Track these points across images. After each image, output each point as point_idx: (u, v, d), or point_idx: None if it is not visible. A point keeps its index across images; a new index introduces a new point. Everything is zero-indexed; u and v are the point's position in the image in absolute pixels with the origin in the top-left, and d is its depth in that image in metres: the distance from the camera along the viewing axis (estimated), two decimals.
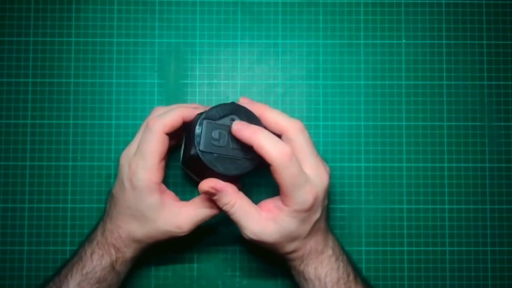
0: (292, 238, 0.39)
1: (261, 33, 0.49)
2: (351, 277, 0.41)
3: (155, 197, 0.40)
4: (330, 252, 0.41)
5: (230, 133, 0.39)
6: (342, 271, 0.41)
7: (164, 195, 0.40)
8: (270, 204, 0.40)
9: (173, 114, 0.40)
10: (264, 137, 0.37)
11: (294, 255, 0.40)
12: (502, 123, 0.48)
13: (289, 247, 0.40)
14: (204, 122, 0.39)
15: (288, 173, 0.37)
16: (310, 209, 0.38)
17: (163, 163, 0.41)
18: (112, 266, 0.41)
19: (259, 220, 0.38)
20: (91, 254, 0.41)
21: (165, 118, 0.40)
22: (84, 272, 0.40)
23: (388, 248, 0.47)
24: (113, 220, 0.41)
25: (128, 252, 0.41)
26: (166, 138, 0.40)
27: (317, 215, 0.39)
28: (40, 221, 0.47)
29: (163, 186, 0.41)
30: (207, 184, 0.38)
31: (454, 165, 0.48)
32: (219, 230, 0.47)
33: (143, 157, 0.39)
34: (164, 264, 0.47)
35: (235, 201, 0.38)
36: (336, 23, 0.49)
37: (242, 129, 0.38)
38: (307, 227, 0.39)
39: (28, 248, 0.47)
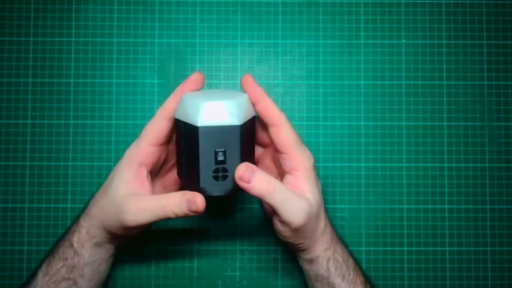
0: (319, 202, 0.39)
1: (261, 33, 0.49)
2: (359, 265, 0.42)
3: (128, 172, 0.38)
4: (340, 240, 0.42)
5: None
6: (353, 257, 0.42)
7: (139, 181, 0.39)
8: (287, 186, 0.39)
9: (171, 97, 0.39)
10: (270, 99, 0.39)
11: (325, 235, 0.40)
12: (502, 123, 0.48)
13: (321, 220, 0.40)
14: None
15: (291, 130, 0.39)
16: (314, 167, 0.40)
17: (155, 149, 0.39)
18: (70, 242, 0.40)
19: (296, 198, 0.37)
20: (63, 233, 0.42)
21: (164, 102, 0.39)
22: (53, 251, 0.41)
23: (388, 248, 0.47)
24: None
25: (84, 228, 0.40)
26: (165, 123, 0.39)
27: (319, 181, 0.41)
28: (40, 221, 0.47)
29: (144, 172, 0.39)
30: (246, 164, 0.37)
31: (454, 165, 0.48)
32: (219, 230, 0.48)
33: (140, 136, 0.40)
34: (164, 264, 0.47)
35: (274, 182, 0.37)
36: (336, 23, 0.49)
37: (253, 82, 0.39)
38: (319, 188, 0.40)
39: (28, 248, 0.47)
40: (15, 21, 0.48)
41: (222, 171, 0.37)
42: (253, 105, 0.39)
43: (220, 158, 0.36)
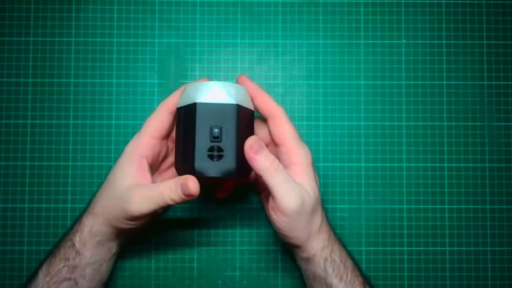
0: (317, 197, 0.39)
1: (261, 33, 0.49)
2: (357, 266, 0.42)
3: (130, 165, 0.39)
4: (338, 241, 0.42)
5: None
6: (352, 258, 0.42)
7: (140, 173, 0.39)
8: None
9: (175, 93, 0.41)
10: (267, 93, 0.41)
11: (321, 233, 0.40)
12: (502, 123, 0.48)
13: (317, 215, 0.39)
14: None
15: (288, 123, 0.40)
16: (312, 163, 0.40)
17: (156, 142, 0.40)
18: (72, 242, 0.40)
19: (295, 183, 0.38)
20: (64, 234, 0.42)
21: (167, 97, 0.41)
22: (54, 251, 0.41)
23: (388, 248, 0.47)
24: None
25: (86, 226, 0.40)
26: (166, 116, 0.40)
27: (318, 178, 0.42)
28: (40, 221, 0.47)
29: (145, 165, 0.40)
30: (257, 137, 0.38)
31: (454, 165, 0.48)
32: (219, 230, 0.48)
33: (140, 130, 0.41)
34: (164, 264, 0.47)
35: (278, 163, 0.37)
36: (336, 23, 0.49)
37: (249, 80, 0.41)
38: (318, 185, 0.40)
39: (28, 248, 0.47)
40: (15, 21, 0.48)
41: (218, 150, 0.37)
42: (252, 100, 0.40)
43: (216, 134, 0.37)
